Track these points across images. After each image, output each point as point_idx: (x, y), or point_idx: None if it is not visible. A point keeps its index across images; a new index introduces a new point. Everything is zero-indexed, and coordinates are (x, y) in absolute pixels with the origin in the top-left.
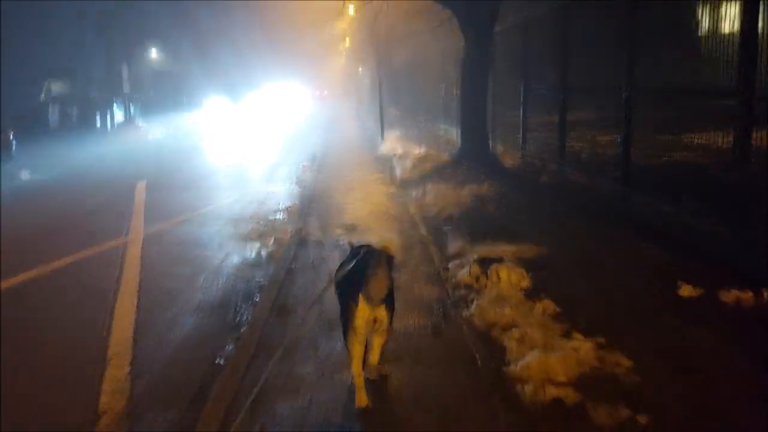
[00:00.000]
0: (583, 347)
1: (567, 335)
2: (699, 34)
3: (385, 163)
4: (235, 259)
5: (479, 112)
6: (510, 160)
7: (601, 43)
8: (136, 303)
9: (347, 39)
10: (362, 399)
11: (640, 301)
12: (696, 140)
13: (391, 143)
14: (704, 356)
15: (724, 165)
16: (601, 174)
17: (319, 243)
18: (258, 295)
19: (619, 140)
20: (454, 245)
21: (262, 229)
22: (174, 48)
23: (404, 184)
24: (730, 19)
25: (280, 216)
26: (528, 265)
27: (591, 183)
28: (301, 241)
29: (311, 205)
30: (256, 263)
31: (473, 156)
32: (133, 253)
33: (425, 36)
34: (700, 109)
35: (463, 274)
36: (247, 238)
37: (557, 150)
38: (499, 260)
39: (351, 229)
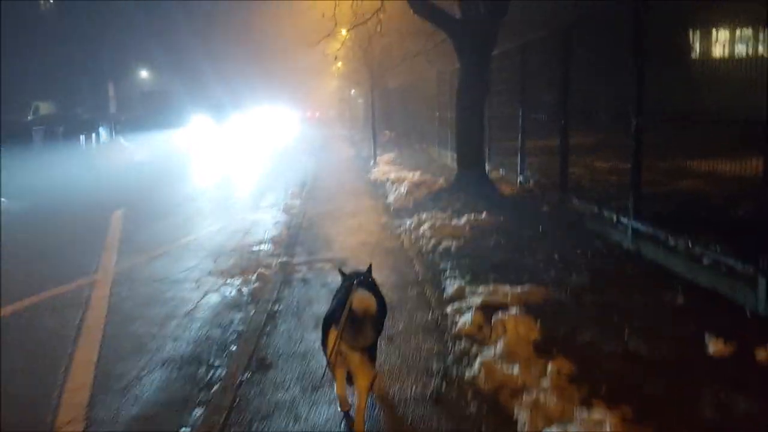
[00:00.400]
0: (608, 421)
1: (587, 403)
2: (702, 56)
3: (377, 189)
4: (213, 300)
5: (476, 138)
6: (508, 187)
7: (604, 66)
8: (97, 354)
9: (339, 61)
10: (344, 405)
11: (666, 360)
12: (713, 168)
13: (384, 167)
14: None
15: (744, 196)
16: (606, 204)
17: (306, 280)
18: (235, 344)
19: (629, 167)
20: (452, 285)
21: (244, 263)
22: (163, 68)
23: (398, 213)
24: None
25: (264, 248)
26: (535, 312)
27: (595, 213)
28: (285, 278)
29: (299, 235)
30: (235, 304)
31: (470, 182)
32: (102, 293)
33: (420, 58)
34: (712, 134)
35: (465, 323)
36: (227, 274)
37: (558, 177)
38: (504, 307)
39: (340, 263)
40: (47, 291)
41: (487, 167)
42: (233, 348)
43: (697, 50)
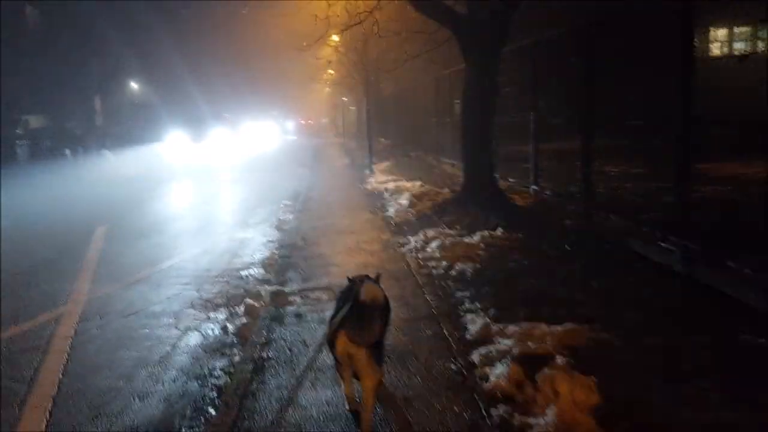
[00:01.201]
0: None
1: None
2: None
3: (375, 201)
4: (193, 340)
5: (484, 144)
6: (521, 198)
7: (632, 66)
8: (46, 422)
9: (332, 66)
10: (352, 404)
11: None
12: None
13: (381, 177)
14: None
15: None
16: (642, 217)
17: (300, 316)
18: (215, 406)
19: (674, 175)
20: (475, 323)
21: (231, 292)
22: (151, 81)
23: (400, 229)
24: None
25: (254, 272)
26: (587, 362)
27: (632, 229)
28: (277, 312)
29: (292, 256)
30: (218, 347)
31: (479, 193)
32: (66, 331)
33: (416, 63)
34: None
35: (499, 378)
36: (211, 306)
37: (582, 187)
38: (547, 357)
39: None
40: (9, 328)
41: (497, 176)
42: (212, 411)
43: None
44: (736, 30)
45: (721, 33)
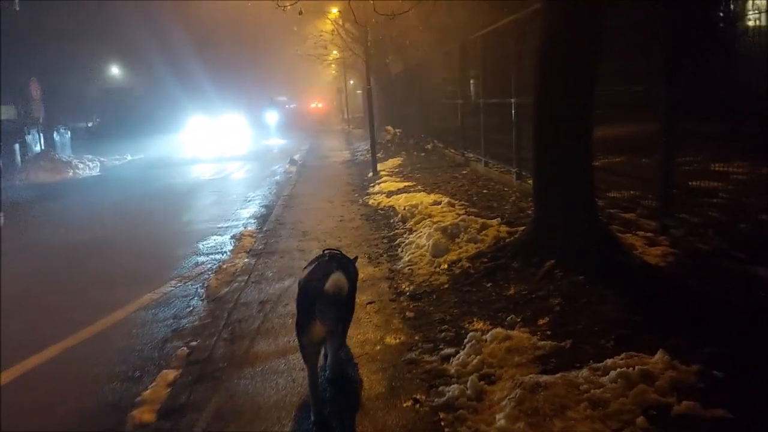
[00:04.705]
0: None
1: None
2: None
3: (378, 230)
4: None
5: (580, 146)
6: (640, 244)
7: None
8: None
9: (325, 39)
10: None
11: None
12: None
13: (390, 183)
14: None
15: None
16: None
17: None
18: None
19: None
20: None
21: None
22: (133, 65)
23: (422, 315)
24: None
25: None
26: None
27: None
28: None
29: (189, 404)
30: None
31: (567, 236)
32: None
33: (433, 31)
34: None
35: None
36: None
37: None
38: None
39: None
40: None
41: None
42: None
43: None
44: None
45: None
